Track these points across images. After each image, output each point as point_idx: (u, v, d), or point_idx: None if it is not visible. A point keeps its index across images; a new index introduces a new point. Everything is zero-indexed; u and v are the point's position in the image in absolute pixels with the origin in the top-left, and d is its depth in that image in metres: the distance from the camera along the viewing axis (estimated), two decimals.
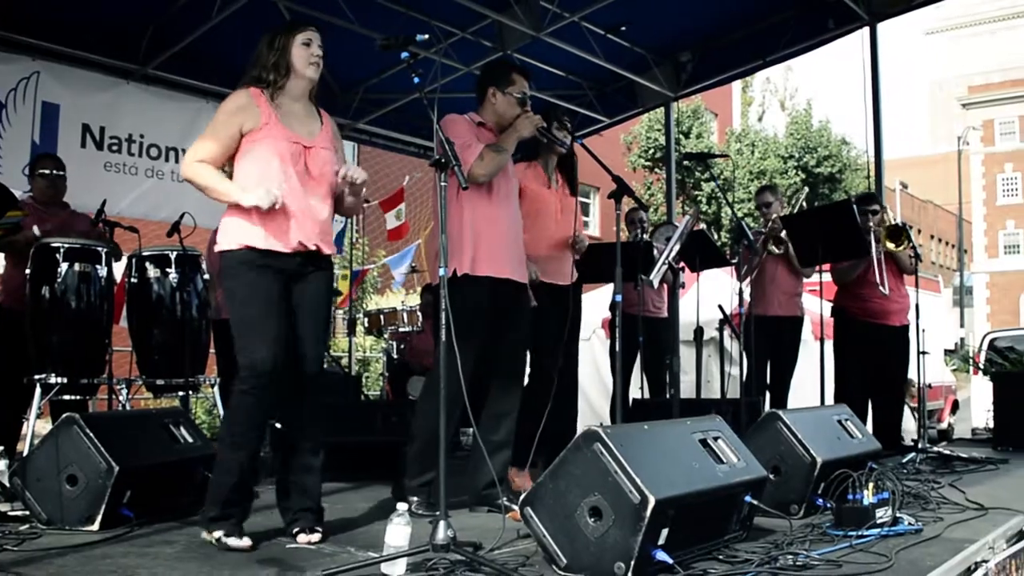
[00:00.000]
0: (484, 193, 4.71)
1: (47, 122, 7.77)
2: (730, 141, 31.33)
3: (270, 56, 4.04)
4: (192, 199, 8.26)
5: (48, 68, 7.85)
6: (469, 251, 4.65)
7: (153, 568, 3.43)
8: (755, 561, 3.33)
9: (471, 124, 4.82)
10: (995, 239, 49.47)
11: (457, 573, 3.20)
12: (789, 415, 4.51)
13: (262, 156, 3.95)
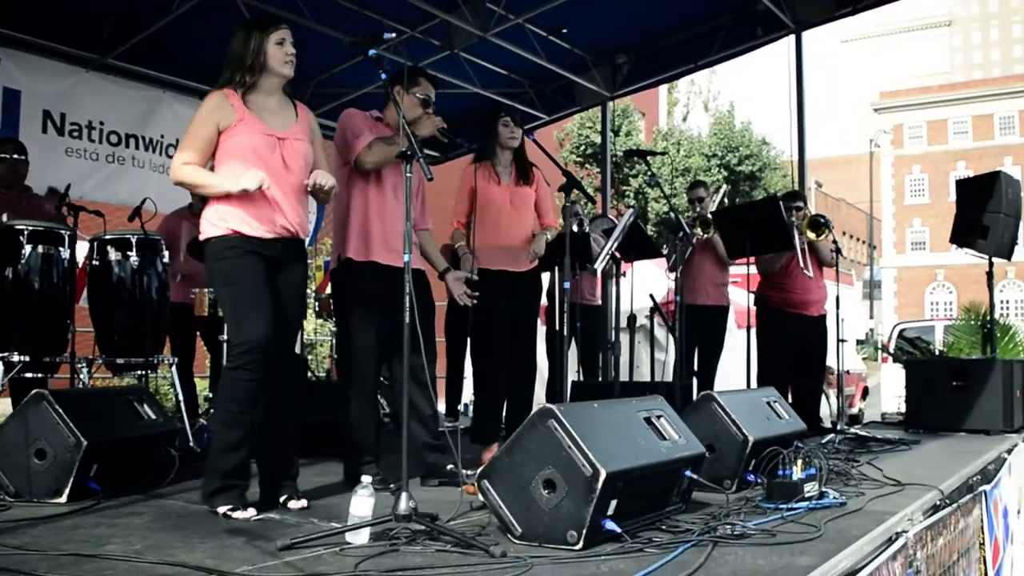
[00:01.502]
0: (374, 183, 4.75)
1: (8, 108, 7.63)
2: (657, 139, 31.64)
3: (246, 56, 4.06)
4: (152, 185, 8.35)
5: (9, 55, 7.70)
6: (361, 238, 4.71)
7: (125, 537, 3.41)
8: (696, 530, 3.41)
9: (368, 118, 4.88)
10: (903, 236, 50.55)
11: (418, 541, 3.25)
12: (723, 397, 4.62)
13: (240, 149, 3.98)
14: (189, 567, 2.90)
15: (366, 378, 4.73)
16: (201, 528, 3.60)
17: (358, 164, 4.65)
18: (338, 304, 4.94)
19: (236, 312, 3.96)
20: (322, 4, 7.93)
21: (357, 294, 4.67)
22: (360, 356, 4.69)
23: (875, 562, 3.30)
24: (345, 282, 4.76)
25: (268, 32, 4.09)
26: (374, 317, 4.64)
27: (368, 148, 4.62)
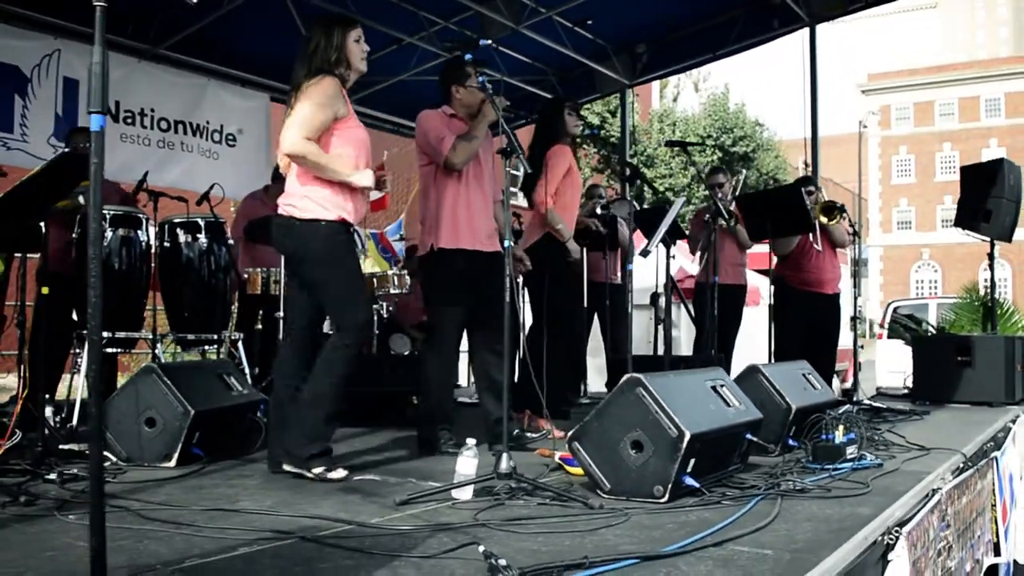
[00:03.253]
0: (456, 176, 5.05)
1: (68, 96, 7.94)
2: (652, 120, 31.90)
3: (330, 50, 4.27)
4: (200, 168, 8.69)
5: (68, 46, 7.99)
6: (448, 228, 5.01)
7: (250, 496, 3.76)
8: (761, 486, 3.80)
9: (444, 117, 5.14)
10: (889, 215, 51.06)
11: (518, 496, 3.62)
12: (767, 368, 4.99)
13: (353, 142, 4.28)
14: (328, 519, 3.26)
15: (451, 352, 5.10)
16: (315, 488, 3.96)
17: (449, 165, 4.93)
18: (427, 287, 5.21)
19: (350, 294, 4.24)
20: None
21: (447, 278, 5.00)
22: (447, 332, 5.04)
23: (919, 514, 3.68)
24: (436, 268, 5.05)
25: (348, 30, 4.34)
26: (461, 297, 4.98)
27: (453, 150, 4.91)
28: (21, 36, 7.71)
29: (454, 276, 4.97)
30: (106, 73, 2.23)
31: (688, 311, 9.26)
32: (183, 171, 8.70)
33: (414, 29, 9.18)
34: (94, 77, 2.21)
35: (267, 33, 8.76)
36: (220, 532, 3.06)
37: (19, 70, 7.64)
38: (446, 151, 4.92)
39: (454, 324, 5.04)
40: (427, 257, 5.08)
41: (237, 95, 9.47)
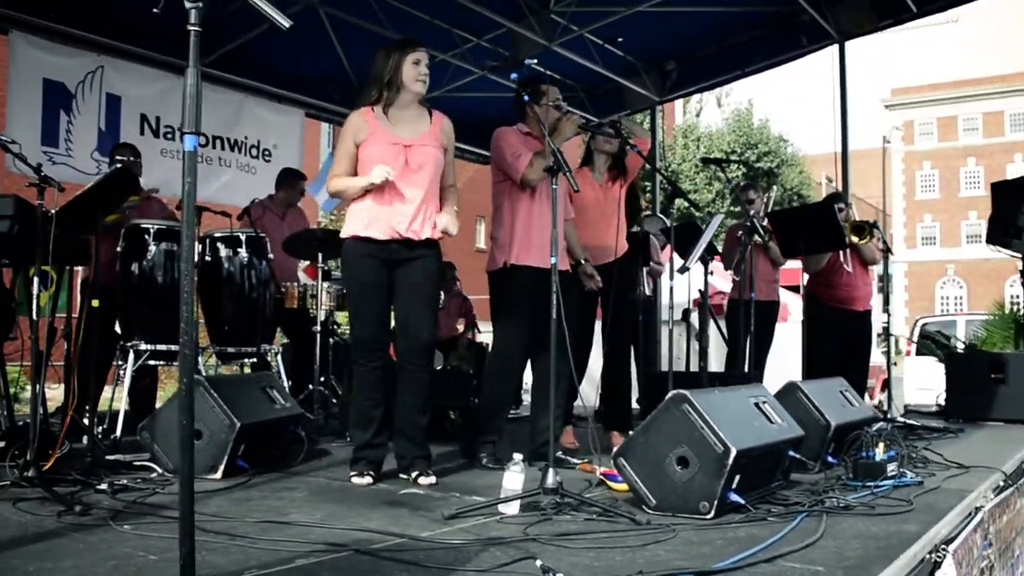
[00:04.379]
0: (529, 194, 5.11)
1: (111, 112, 8.06)
2: (677, 136, 31.97)
3: (384, 74, 4.49)
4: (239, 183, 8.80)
5: (110, 63, 8.11)
6: (518, 244, 5.06)
7: (299, 508, 3.80)
8: (805, 503, 3.81)
9: (520, 134, 5.20)
10: (914, 231, 50.75)
11: (565, 512, 3.65)
12: (805, 385, 5.00)
13: (371, 158, 4.43)
14: (380, 532, 3.29)
15: (513, 367, 5.15)
16: (362, 500, 4.00)
17: (524, 182, 4.99)
18: (496, 302, 5.21)
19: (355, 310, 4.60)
20: (399, 15, 8.31)
21: (516, 294, 5.02)
22: (513, 348, 5.08)
23: (964, 533, 3.68)
24: (506, 284, 5.09)
25: (406, 53, 4.50)
26: (529, 314, 4.99)
27: (530, 166, 4.95)
28: (66, 54, 7.84)
29: (523, 292, 4.98)
30: (199, 95, 2.27)
31: (719, 327, 9.26)
32: (221, 185, 8.82)
33: (447, 46, 9.27)
34: (188, 99, 2.26)
35: (303, 51, 8.88)
36: (274, 544, 3.10)
37: (65, 87, 7.77)
38: (522, 168, 4.96)
39: (520, 340, 5.05)
40: (498, 273, 5.11)
41: (273, 111, 9.57)
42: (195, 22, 2.32)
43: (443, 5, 8.33)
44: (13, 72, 7.45)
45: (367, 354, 4.48)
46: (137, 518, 3.52)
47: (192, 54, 2.28)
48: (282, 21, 2.44)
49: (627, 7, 8.69)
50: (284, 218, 7.66)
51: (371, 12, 8.19)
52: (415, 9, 8.44)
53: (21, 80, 7.48)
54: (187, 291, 2.29)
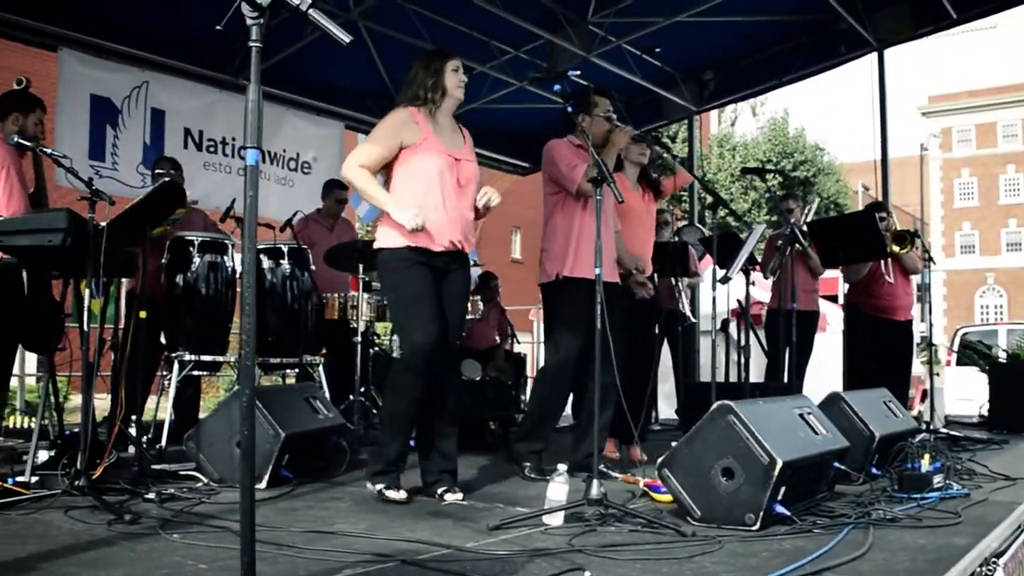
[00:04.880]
0: (581, 206, 5.10)
1: (155, 126, 8.18)
2: (712, 146, 31.84)
3: (427, 78, 4.41)
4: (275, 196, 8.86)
5: (155, 78, 8.23)
6: (571, 256, 5.05)
7: (344, 518, 3.82)
8: (851, 515, 3.78)
9: (572, 146, 5.18)
10: (952, 239, 50.15)
11: (609, 523, 3.64)
12: (849, 396, 4.96)
13: (422, 167, 4.32)
14: (426, 543, 3.29)
15: (566, 378, 5.09)
16: (406, 511, 4.01)
17: (580, 193, 4.97)
18: (550, 313, 5.22)
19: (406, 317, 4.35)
20: (438, 27, 8.36)
21: (570, 306, 5.00)
22: (566, 359, 5.03)
23: (1014, 546, 3.63)
24: (559, 295, 5.08)
25: (446, 60, 4.47)
26: (582, 325, 4.96)
27: (586, 178, 4.88)
28: (113, 69, 7.96)
29: (577, 304, 4.96)
30: (260, 110, 2.29)
31: (758, 338, 9.21)
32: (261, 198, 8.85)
33: (485, 58, 9.31)
34: (250, 114, 2.28)
35: (342, 64, 8.96)
36: (321, 554, 3.10)
37: (111, 102, 7.88)
38: (578, 179, 4.94)
39: (574, 351, 5.00)
40: (552, 285, 5.10)
41: (312, 124, 9.65)
42: (256, 38, 2.34)
43: (481, 17, 8.36)
44: (62, 88, 7.58)
45: (421, 362, 4.25)
46: (185, 527, 3.55)
47: (253, 70, 2.30)
48: (342, 37, 2.45)
49: (665, 17, 8.68)
50: (332, 230, 7.72)
51: (410, 25, 8.24)
52: (454, 22, 8.48)
53: (69, 96, 7.60)
54: (248, 304, 2.31)
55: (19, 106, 5.32)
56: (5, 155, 5.11)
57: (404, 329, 4.33)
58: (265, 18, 2.33)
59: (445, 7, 8.26)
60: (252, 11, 2.31)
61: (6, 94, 5.42)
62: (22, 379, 8.64)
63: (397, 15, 8.18)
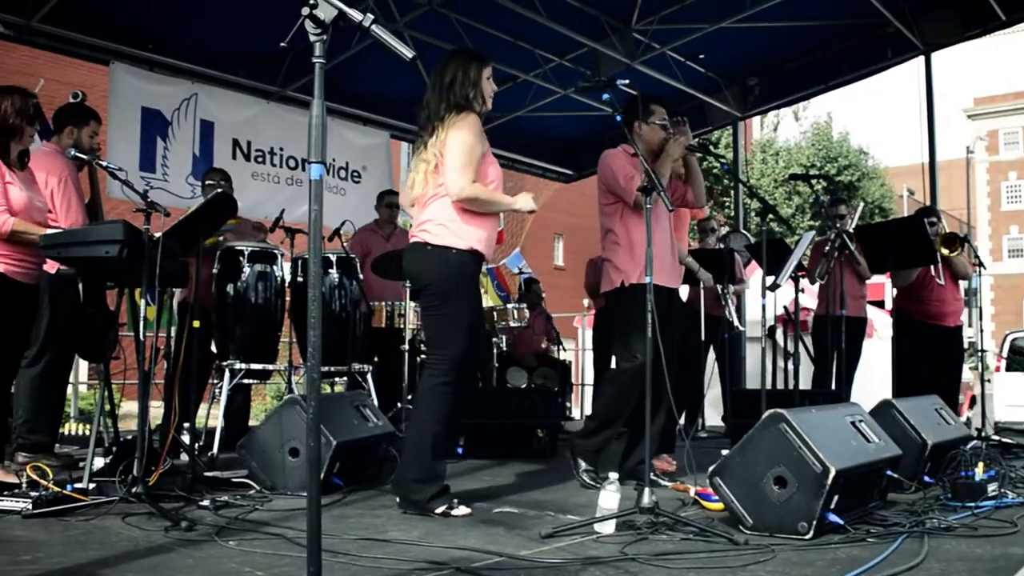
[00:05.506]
0: (642, 215, 5.06)
1: (204, 137, 8.31)
2: (755, 151, 31.63)
3: (467, 86, 4.25)
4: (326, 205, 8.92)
5: (204, 90, 8.37)
6: (637, 264, 5.01)
7: (396, 526, 3.84)
8: (905, 524, 3.73)
9: (627, 156, 5.14)
10: (999, 243, 49.39)
11: (661, 531, 3.62)
12: (900, 403, 4.90)
13: (496, 176, 4.32)
14: (478, 551, 3.30)
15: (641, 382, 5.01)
16: (457, 519, 4.02)
17: (638, 205, 4.88)
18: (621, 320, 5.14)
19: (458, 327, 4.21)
20: (482, 36, 8.40)
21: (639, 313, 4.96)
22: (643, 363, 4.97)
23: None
24: (625, 303, 5.05)
25: (484, 66, 4.33)
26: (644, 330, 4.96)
27: None
28: (163, 82, 8.10)
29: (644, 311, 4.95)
30: (324, 125, 2.32)
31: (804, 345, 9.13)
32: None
33: (530, 67, 9.33)
34: (314, 128, 2.31)
35: (387, 74, 9.02)
36: (375, 562, 3.12)
37: (161, 114, 8.02)
38: (635, 190, 4.91)
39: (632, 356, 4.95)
40: (619, 293, 5.08)
41: (359, 133, 9.74)
42: (320, 55, 2.37)
43: (525, 26, 8.38)
44: (113, 101, 7.72)
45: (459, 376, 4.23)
46: (240, 534, 3.59)
47: (317, 85, 2.34)
48: (405, 52, 2.47)
49: (710, 24, 8.65)
50: (389, 239, 7.79)
51: (455, 34, 8.28)
52: (498, 31, 8.53)
53: (121, 109, 7.73)
54: (314, 316, 2.34)
55: (73, 119, 5.42)
56: (63, 167, 5.22)
57: (449, 341, 4.23)
58: (328, 34, 2.35)
59: (489, 16, 8.30)
60: (315, 28, 2.35)
61: (61, 108, 5.53)
62: (75, 387, 8.78)
63: (442, 24, 8.23)
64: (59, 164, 5.21)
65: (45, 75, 9.47)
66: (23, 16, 7.28)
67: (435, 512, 4.10)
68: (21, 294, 4.55)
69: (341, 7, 2.34)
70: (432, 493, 4.15)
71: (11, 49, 9.95)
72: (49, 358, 5.24)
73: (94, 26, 7.69)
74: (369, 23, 2.41)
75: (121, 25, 7.82)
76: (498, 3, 7.86)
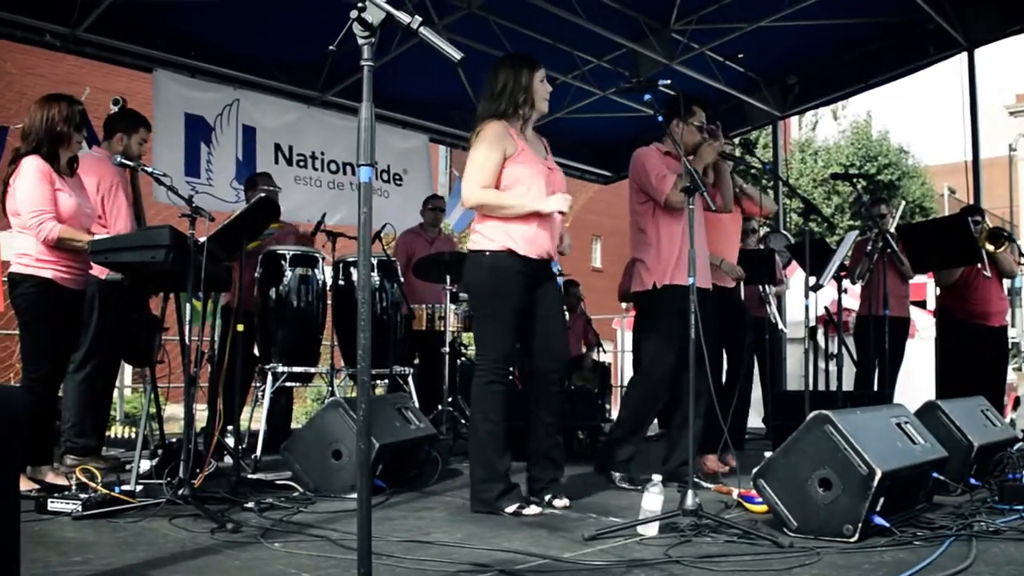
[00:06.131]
0: (673, 215, 5.06)
1: (247, 142, 8.39)
2: (794, 151, 31.37)
3: (517, 90, 4.34)
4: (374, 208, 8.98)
5: (246, 95, 8.47)
6: (668, 265, 5.02)
7: (440, 528, 3.84)
8: (952, 527, 3.69)
9: (660, 154, 5.14)
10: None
11: (704, 533, 3.60)
12: (946, 405, 4.84)
13: (524, 176, 4.30)
14: (522, 553, 3.30)
15: (661, 388, 5.06)
16: (501, 521, 4.03)
17: (670, 204, 4.93)
18: (645, 322, 5.22)
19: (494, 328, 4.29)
20: (521, 38, 8.41)
21: (666, 314, 4.97)
22: (663, 368, 5.01)
23: None
24: (658, 304, 5.05)
25: (535, 70, 4.40)
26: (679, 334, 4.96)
27: (675, 189, 4.91)
28: (205, 88, 8.20)
29: (674, 313, 4.94)
30: (373, 128, 2.33)
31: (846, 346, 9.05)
32: (352, 210, 9.02)
33: (568, 68, 9.33)
34: (363, 131, 2.32)
35: (426, 77, 9.05)
36: (420, 563, 3.13)
37: (204, 120, 8.11)
38: (667, 190, 4.92)
39: (670, 360, 4.97)
40: (648, 294, 5.08)
41: (398, 136, 9.79)
42: (368, 57, 2.37)
43: (564, 27, 8.37)
44: (157, 108, 7.81)
45: (506, 375, 4.30)
46: (285, 536, 3.61)
47: (366, 88, 2.34)
48: (453, 54, 2.48)
49: (749, 23, 8.59)
50: (433, 243, 7.83)
51: (494, 37, 8.30)
52: (536, 33, 8.53)
53: (165, 115, 7.83)
54: (364, 319, 2.35)
55: (124, 126, 5.49)
56: (113, 175, 5.30)
57: (489, 341, 4.29)
58: (376, 38, 2.36)
59: (528, 18, 8.31)
60: (363, 31, 2.35)
61: (112, 115, 5.61)
62: (120, 391, 8.88)
63: (480, 27, 8.24)
64: (109, 171, 5.29)
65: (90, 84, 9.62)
66: (69, 26, 7.39)
67: (505, 511, 4.13)
68: (69, 300, 4.63)
69: (390, 10, 2.35)
70: (499, 491, 4.20)
71: (58, 59, 10.12)
72: (96, 363, 5.31)
73: (138, 34, 7.80)
74: (417, 25, 2.42)
75: (164, 33, 7.93)
76: (537, 5, 7.86)
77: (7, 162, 4.68)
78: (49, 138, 4.57)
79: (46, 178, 4.51)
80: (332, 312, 6.61)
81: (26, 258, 4.54)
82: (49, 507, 3.90)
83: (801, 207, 5.97)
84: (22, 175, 4.52)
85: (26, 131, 4.61)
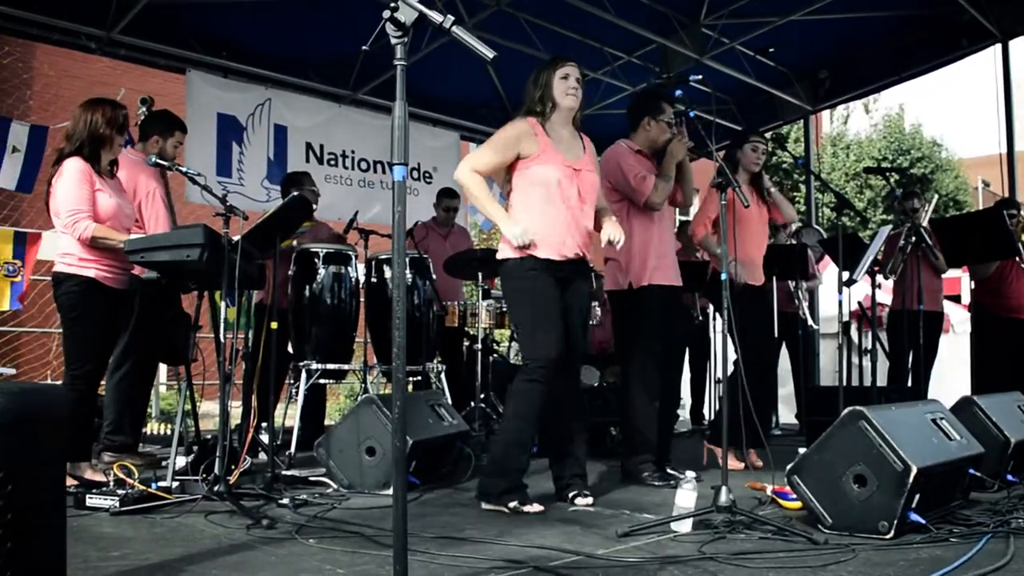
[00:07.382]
0: (649, 214, 5.06)
1: (279, 141, 8.44)
2: (825, 145, 31.11)
3: (535, 91, 4.42)
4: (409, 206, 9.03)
5: (277, 95, 8.52)
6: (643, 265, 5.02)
7: (474, 524, 3.84)
8: (988, 524, 3.64)
9: (632, 152, 5.12)
10: None
11: (738, 530, 3.59)
12: (982, 400, 4.78)
13: (541, 178, 4.30)
14: (556, 549, 3.30)
15: (651, 384, 5.05)
16: (534, 518, 4.03)
17: (650, 205, 4.95)
18: (624, 324, 5.17)
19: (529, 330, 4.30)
20: (551, 36, 8.41)
21: (644, 314, 5.00)
22: (646, 366, 5.02)
23: None
24: (635, 305, 5.06)
25: (555, 68, 4.43)
26: (659, 332, 4.98)
27: (655, 190, 4.92)
28: (237, 89, 8.25)
29: (652, 313, 4.97)
30: (407, 127, 2.34)
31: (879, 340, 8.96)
32: (384, 208, 9.06)
33: (598, 64, 9.31)
34: (397, 130, 2.32)
35: (456, 76, 9.06)
36: (454, 560, 3.14)
37: (236, 120, 8.17)
38: (647, 191, 4.91)
39: (652, 358, 5.00)
40: (624, 295, 5.08)
41: (428, 135, 9.82)
42: (401, 56, 2.38)
43: (594, 24, 8.35)
44: (190, 108, 7.88)
45: (544, 375, 4.23)
46: (320, 532, 3.63)
47: (399, 87, 2.35)
48: (486, 53, 2.49)
49: (779, 17, 8.52)
50: (447, 238, 7.84)
51: (524, 35, 8.30)
52: (566, 29, 8.52)
53: (197, 116, 7.88)
54: (399, 316, 2.36)
55: (160, 129, 5.54)
56: (150, 177, 5.36)
57: (528, 342, 4.29)
58: (409, 37, 2.36)
59: (557, 15, 8.29)
60: (396, 30, 2.36)
61: (148, 117, 5.66)
62: (156, 388, 8.96)
63: (510, 25, 8.23)
64: (148, 176, 5.35)
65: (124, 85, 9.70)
66: (104, 28, 7.47)
67: (507, 506, 4.15)
68: (112, 299, 4.69)
69: (422, 9, 2.36)
70: (504, 487, 4.21)
71: (92, 61, 10.22)
72: (134, 361, 5.36)
73: (171, 36, 7.89)
74: (450, 24, 2.42)
75: (197, 34, 8.01)
76: (566, 1, 7.85)
77: (50, 163, 4.74)
78: (91, 140, 4.64)
79: (86, 178, 4.57)
80: (365, 309, 6.62)
81: (69, 257, 4.61)
82: (87, 503, 3.95)
83: (834, 201, 5.91)
84: (63, 176, 4.58)
85: (69, 133, 4.69)
